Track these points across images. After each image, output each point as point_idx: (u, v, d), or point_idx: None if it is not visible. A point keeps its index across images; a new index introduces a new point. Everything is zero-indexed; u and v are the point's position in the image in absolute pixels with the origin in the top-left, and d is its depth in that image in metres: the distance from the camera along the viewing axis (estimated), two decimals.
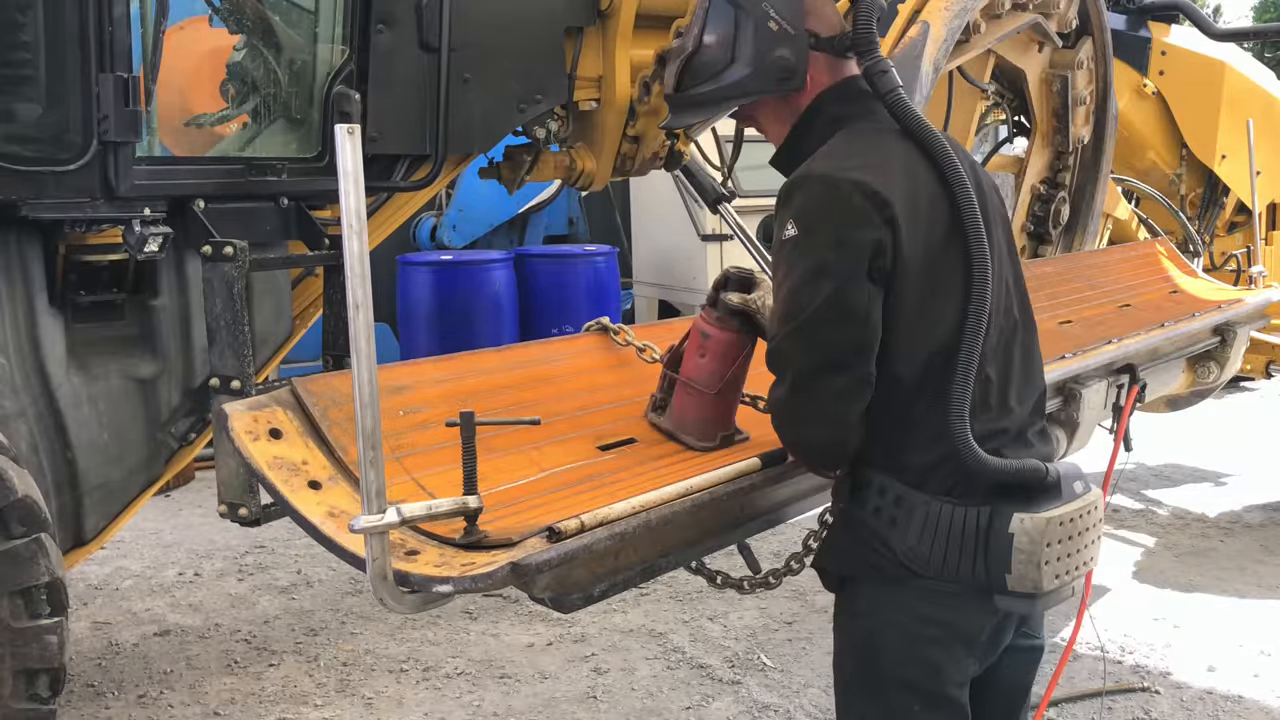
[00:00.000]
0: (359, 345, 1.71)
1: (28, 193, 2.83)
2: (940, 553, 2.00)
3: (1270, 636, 4.60)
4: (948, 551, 2.00)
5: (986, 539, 1.98)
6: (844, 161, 2.01)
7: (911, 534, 2.01)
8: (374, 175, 3.48)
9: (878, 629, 2.09)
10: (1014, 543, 1.95)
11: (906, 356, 2.00)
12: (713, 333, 2.48)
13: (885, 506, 2.04)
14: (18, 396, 2.98)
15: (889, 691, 2.08)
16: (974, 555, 1.99)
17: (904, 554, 2.02)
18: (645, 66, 3.87)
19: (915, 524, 2.01)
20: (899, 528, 2.03)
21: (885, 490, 2.04)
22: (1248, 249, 5.95)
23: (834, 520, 2.22)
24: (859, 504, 2.08)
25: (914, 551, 2.01)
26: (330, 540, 1.95)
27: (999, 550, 1.96)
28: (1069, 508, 2.00)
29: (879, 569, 2.06)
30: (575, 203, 9.96)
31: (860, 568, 2.10)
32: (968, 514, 1.99)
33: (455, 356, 2.61)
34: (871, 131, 2.09)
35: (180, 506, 6.46)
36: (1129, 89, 6.47)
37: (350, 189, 1.67)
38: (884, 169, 2.00)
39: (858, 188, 1.94)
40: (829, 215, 1.96)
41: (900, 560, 2.03)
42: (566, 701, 4.10)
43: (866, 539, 2.07)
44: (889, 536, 2.04)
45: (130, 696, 4.15)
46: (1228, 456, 7.34)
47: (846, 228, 1.95)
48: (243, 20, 3.45)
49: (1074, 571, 2.01)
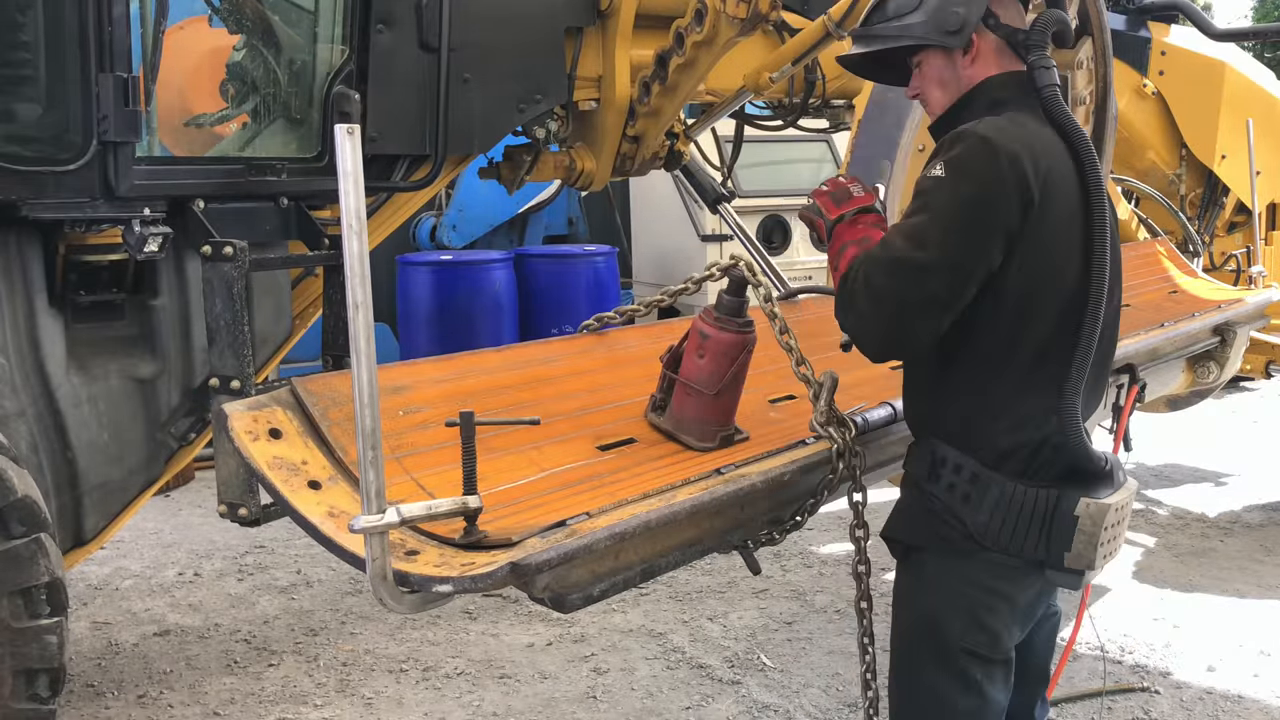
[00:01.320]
0: (359, 345, 1.71)
1: (28, 193, 2.83)
2: (1010, 529, 2.15)
3: (1270, 636, 4.60)
4: (1016, 528, 2.15)
5: (1052, 519, 2.14)
6: (1006, 132, 2.12)
7: (984, 510, 2.16)
8: (374, 175, 3.48)
9: (947, 600, 2.23)
10: (1078, 524, 2.13)
11: (1005, 341, 2.14)
12: (712, 333, 2.48)
13: (960, 483, 2.19)
14: (18, 396, 2.98)
15: (956, 658, 2.23)
16: (1039, 533, 2.15)
17: (975, 528, 2.17)
18: (645, 66, 3.87)
19: (989, 501, 2.16)
20: (972, 503, 2.18)
21: (961, 468, 2.19)
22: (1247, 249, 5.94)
23: (905, 492, 2.34)
24: (934, 479, 2.23)
25: (985, 526, 2.16)
26: (330, 540, 1.95)
27: (1062, 530, 2.14)
28: (1121, 495, 2.20)
29: (949, 540, 2.21)
30: (575, 203, 9.96)
31: (930, 538, 2.25)
32: (1039, 495, 2.14)
33: (455, 356, 2.61)
34: (1033, 118, 2.21)
35: (180, 506, 6.46)
36: (1129, 89, 6.47)
37: (350, 189, 1.68)
38: (1037, 154, 2.11)
39: (1013, 161, 2.07)
40: (980, 173, 2.08)
41: (970, 533, 2.18)
42: (566, 701, 4.10)
43: (939, 512, 2.22)
44: (962, 511, 2.18)
45: (130, 696, 4.15)
46: (1228, 456, 7.34)
47: (991, 192, 2.07)
48: (243, 20, 3.45)
49: (1115, 554, 2.22)
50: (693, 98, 4.08)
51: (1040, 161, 2.11)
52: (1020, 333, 2.14)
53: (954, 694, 2.24)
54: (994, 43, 2.28)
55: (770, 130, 4.85)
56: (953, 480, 2.20)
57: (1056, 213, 2.12)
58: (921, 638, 2.28)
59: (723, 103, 4.27)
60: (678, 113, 4.07)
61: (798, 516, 2.51)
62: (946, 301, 2.09)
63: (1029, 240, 2.09)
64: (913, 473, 2.31)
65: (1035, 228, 2.09)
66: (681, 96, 3.88)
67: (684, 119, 4.37)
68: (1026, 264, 2.10)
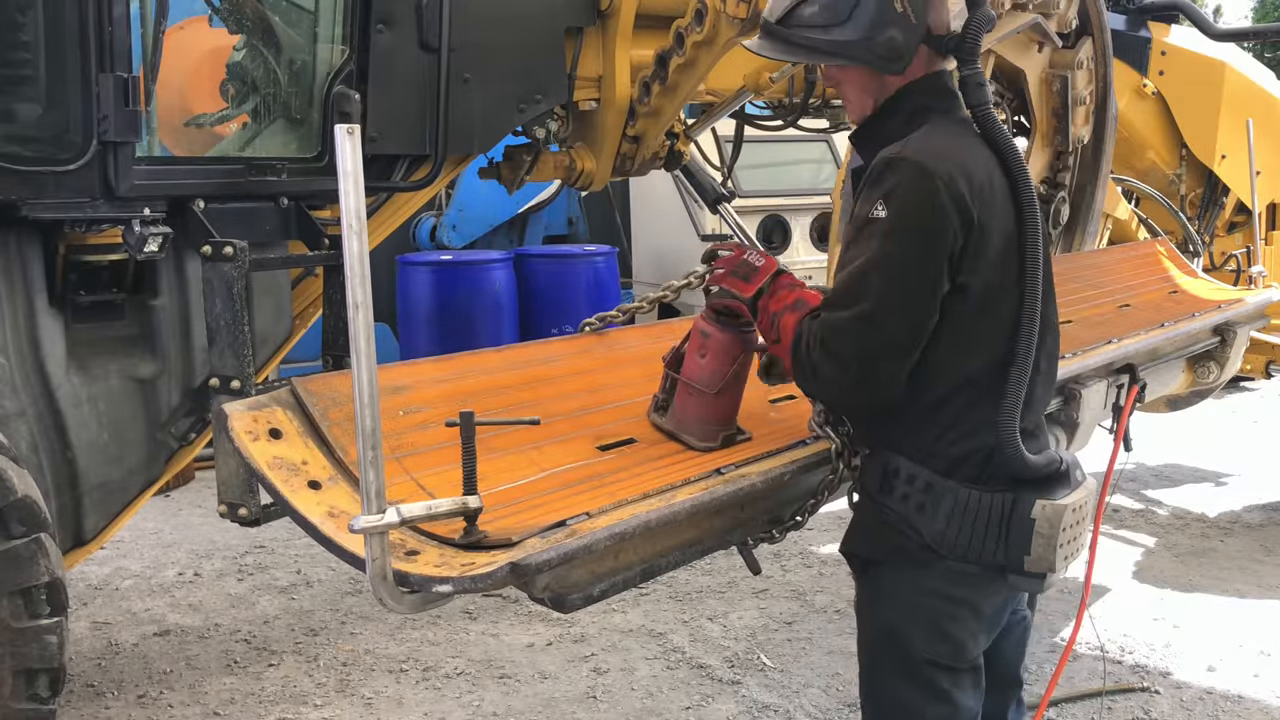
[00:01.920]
0: (359, 345, 1.71)
1: (28, 193, 2.83)
2: (966, 536, 2.13)
3: (1270, 636, 4.60)
4: (973, 535, 2.12)
5: (1009, 523, 2.12)
6: (938, 154, 2.08)
7: (939, 519, 2.14)
8: (374, 175, 3.48)
9: (906, 612, 2.21)
10: (1034, 527, 2.10)
11: (953, 355, 2.11)
12: (713, 332, 2.48)
13: (913, 493, 2.16)
14: (18, 396, 2.98)
15: (921, 669, 2.21)
16: (996, 538, 2.12)
17: (931, 537, 2.15)
18: (645, 66, 3.87)
19: (943, 509, 2.13)
20: (926, 513, 2.15)
21: (914, 478, 2.16)
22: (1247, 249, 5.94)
23: (859, 506, 2.32)
24: (886, 491, 2.20)
25: (941, 535, 2.14)
26: (330, 540, 1.95)
27: (1020, 534, 2.11)
28: (1078, 495, 2.16)
29: (905, 551, 2.18)
30: (575, 203, 9.95)
31: (887, 551, 2.22)
32: (993, 500, 2.12)
33: (455, 356, 2.61)
34: (958, 128, 2.19)
35: (180, 506, 6.45)
36: (1129, 89, 6.47)
37: (350, 189, 1.68)
38: (971, 171, 2.09)
39: (950, 185, 2.04)
40: (920, 209, 2.04)
41: (927, 543, 2.15)
42: (566, 701, 4.10)
43: (894, 523, 2.19)
44: (917, 521, 2.16)
45: (130, 696, 4.15)
46: (1228, 456, 7.33)
47: (933, 224, 2.04)
48: (243, 20, 3.45)
49: (1077, 554, 2.20)
50: (693, 98, 4.08)
51: (974, 177, 2.09)
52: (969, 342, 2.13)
53: (921, 704, 2.23)
54: (924, 52, 2.21)
55: (770, 130, 4.85)
56: (906, 491, 2.17)
57: (993, 225, 2.10)
58: (885, 650, 2.27)
59: (723, 103, 4.27)
60: (678, 113, 4.07)
61: (798, 516, 2.51)
62: (908, 345, 2.09)
63: (971, 257, 2.08)
64: (866, 486, 2.30)
65: (976, 244, 2.08)
66: (681, 96, 3.88)
67: (684, 119, 4.36)
68: (971, 281, 2.09)
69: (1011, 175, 2.15)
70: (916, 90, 2.22)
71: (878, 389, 2.12)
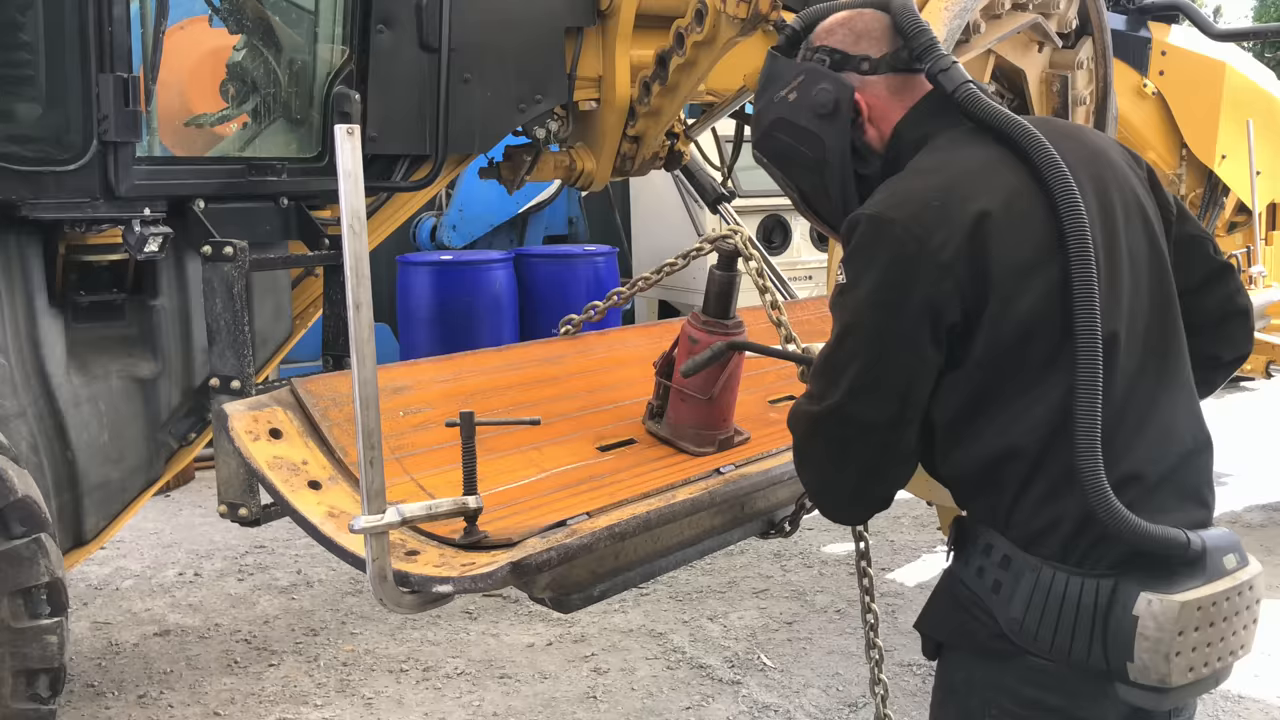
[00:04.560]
0: (359, 345, 1.71)
1: (28, 193, 2.83)
2: (1050, 628, 1.66)
3: (1270, 636, 4.59)
4: (1058, 628, 1.66)
5: (1106, 618, 1.64)
6: (906, 194, 1.70)
7: (1017, 602, 1.69)
8: (374, 175, 3.48)
9: (975, 710, 1.77)
10: (1138, 627, 1.61)
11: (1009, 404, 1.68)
12: (701, 338, 2.46)
13: (989, 567, 1.73)
14: (18, 396, 2.98)
15: None
16: (1089, 636, 1.65)
17: (1007, 624, 1.70)
18: (645, 66, 3.87)
19: (1022, 591, 1.68)
20: (1003, 594, 1.70)
21: (991, 549, 1.73)
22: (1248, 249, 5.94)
23: (943, 577, 1.86)
24: (963, 561, 1.79)
25: (1018, 623, 1.69)
26: (330, 540, 1.95)
27: (1121, 633, 1.63)
28: (1212, 589, 1.65)
29: (974, 638, 1.75)
30: (575, 203, 9.95)
31: (954, 635, 1.80)
32: (1084, 585, 1.65)
33: (455, 356, 2.62)
34: (947, 145, 1.77)
35: (180, 506, 6.45)
36: (1129, 89, 6.46)
37: (350, 189, 1.68)
38: (967, 194, 1.67)
39: (913, 229, 1.64)
40: (873, 267, 1.67)
41: (1001, 631, 1.71)
42: (566, 701, 4.10)
43: (966, 603, 1.76)
44: (992, 603, 1.72)
45: (130, 696, 4.15)
46: (1228, 456, 7.32)
47: (891, 284, 1.66)
48: (243, 20, 3.45)
49: (1216, 663, 1.68)
50: (693, 98, 4.09)
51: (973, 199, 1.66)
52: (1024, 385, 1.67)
53: None
54: (886, 88, 1.84)
55: None
56: (982, 563, 1.73)
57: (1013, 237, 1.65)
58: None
59: (723, 103, 4.28)
60: (678, 113, 4.08)
61: (798, 516, 2.51)
62: (898, 424, 1.69)
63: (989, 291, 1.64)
64: (952, 553, 1.87)
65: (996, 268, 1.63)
66: (682, 96, 3.88)
67: (684, 119, 4.37)
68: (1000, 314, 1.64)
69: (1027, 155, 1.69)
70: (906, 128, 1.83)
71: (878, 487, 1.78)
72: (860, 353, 1.69)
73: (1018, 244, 1.65)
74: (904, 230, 1.64)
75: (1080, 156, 1.74)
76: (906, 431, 1.71)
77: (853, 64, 1.84)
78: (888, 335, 1.67)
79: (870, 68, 1.84)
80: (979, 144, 1.74)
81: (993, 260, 1.63)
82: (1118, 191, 1.76)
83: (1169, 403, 1.74)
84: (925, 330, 1.65)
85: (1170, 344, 1.76)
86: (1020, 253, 1.65)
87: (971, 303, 1.64)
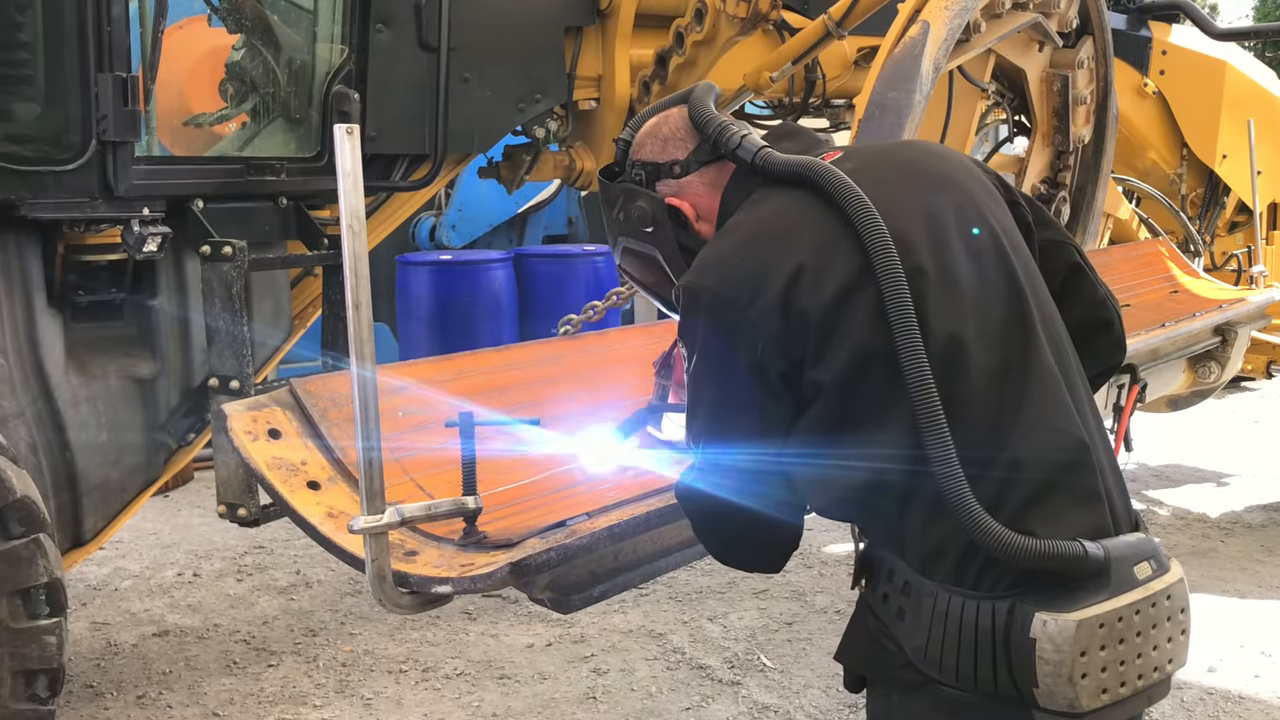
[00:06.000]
0: (358, 345, 1.70)
1: (27, 193, 2.83)
2: (952, 655, 1.58)
3: (1271, 636, 4.59)
4: (960, 656, 1.57)
5: (1006, 643, 1.54)
6: (708, 258, 1.71)
7: (919, 629, 1.61)
8: (373, 175, 3.48)
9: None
10: (1036, 650, 1.52)
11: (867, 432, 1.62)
12: None
13: (893, 594, 1.65)
14: (17, 396, 2.98)
15: None
16: (993, 662, 1.55)
17: (912, 653, 1.62)
18: (645, 66, 3.87)
19: (923, 617, 1.60)
20: (907, 621, 1.63)
21: (894, 574, 1.65)
22: (1249, 249, 5.94)
23: (856, 606, 1.78)
24: (871, 588, 1.72)
25: (922, 651, 1.60)
26: (329, 541, 1.95)
27: (1022, 658, 1.53)
28: (1116, 604, 1.55)
29: (885, 668, 1.68)
30: (575, 203, 9.95)
31: (873, 666, 1.72)
32: (980, 609, 1.56)
33: (455, 356, 2.62)
34: (750, 204, 1.77)
35: (179, 507, 6.45)
36: (1130, 89, 6.46)
37: (349, 189, 1.67)
38: (753, 245, 1.67)
39: (716, 296, 1.64)
40: (695, 334, 1.67)
41: (909, 660, 1.63)
42: (566, 702, 4.09)
43: (876, 633, 1.69)
44: (897, 630, 1.64)
45: (129, 697, 4.14)
46: (1228, 456, 7.33)
47: (714, 351, 1.66)
48: (242, 20, 3.45)
49: (1137, 681, 1.58)
50: None
51: (771, 245, 1.65)
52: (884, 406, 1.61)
53: None
54: (698, 180, 1.86)
55: None
56: (887, 590, 1.66)
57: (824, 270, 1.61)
58: None
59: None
60: None
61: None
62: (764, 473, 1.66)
63: (796, 327, 1.61)
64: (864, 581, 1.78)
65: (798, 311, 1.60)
66: None
67: None
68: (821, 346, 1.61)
69: (830, 197, 1.65)
70: (726, 201, 1.83)
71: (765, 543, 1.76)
72: (709, 417, 1.69)
73: (830, 276, 1.61)
74: (712, 296, 1.65)
75: (895, 174, 1.75)
76: (776, 480, 1.68)
77: (665, 171, 1.87)
78: (727, 398, 1.66)
79: (681, 170, 1.86)
80: (780, 193, 1.73)
81: (807, 299, 1.60)
82: (947, 196, 1.73)
83: (1048, 395, 1.64)
84: (757, 386, 1.63)
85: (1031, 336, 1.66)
86: (834, 283, 1.61)
87: (797, 347, 1.61)
